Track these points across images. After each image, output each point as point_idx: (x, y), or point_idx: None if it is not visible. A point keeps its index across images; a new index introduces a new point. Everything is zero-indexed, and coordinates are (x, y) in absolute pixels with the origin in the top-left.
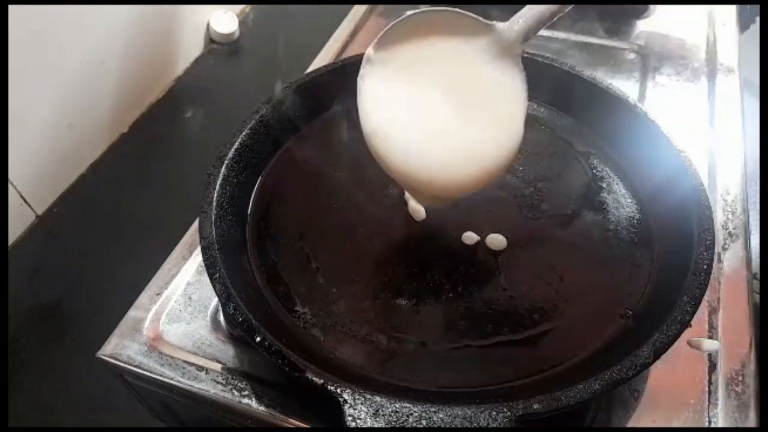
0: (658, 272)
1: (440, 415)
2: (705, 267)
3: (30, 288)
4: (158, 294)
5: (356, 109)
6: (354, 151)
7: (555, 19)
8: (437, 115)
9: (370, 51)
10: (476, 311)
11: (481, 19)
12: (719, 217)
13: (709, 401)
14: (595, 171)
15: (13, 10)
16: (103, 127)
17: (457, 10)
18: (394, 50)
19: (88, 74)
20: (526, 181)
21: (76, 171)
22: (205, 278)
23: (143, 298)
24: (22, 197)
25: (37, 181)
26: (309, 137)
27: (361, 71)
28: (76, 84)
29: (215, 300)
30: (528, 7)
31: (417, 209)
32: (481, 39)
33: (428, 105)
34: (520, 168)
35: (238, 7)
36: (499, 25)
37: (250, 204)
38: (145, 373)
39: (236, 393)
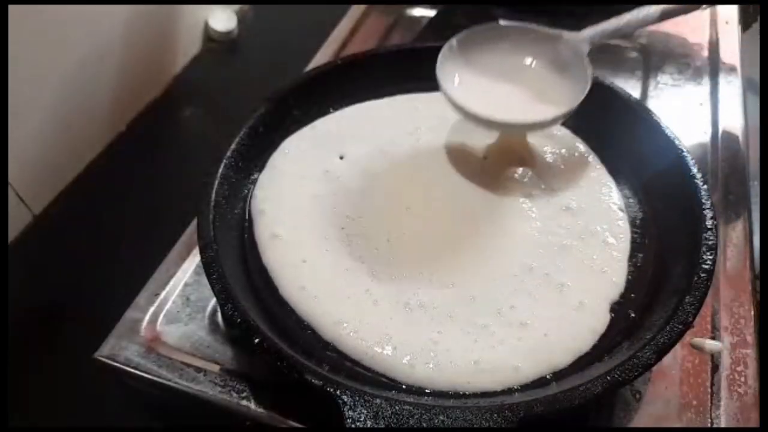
0: (660, 273)
1: (441, 418)
2: (708, 268)
3: (26, 289)
4: (156, 295)
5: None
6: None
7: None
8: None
9: (453, 41)
10: None
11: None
12: (722, 218)
13: (711, 402)
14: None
15: (11, 9)
16: (101, 126)
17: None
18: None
19: (86, 73)
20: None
21: (73, 170)
22: (203, 279)
23: (141, 298)
24: (19, 197)
25: (34, 180)
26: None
27: (441, 56)
28: (74, 83)
29: (213, 301)
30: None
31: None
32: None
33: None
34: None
35: (237, 5)
36: (567, 34)
37: (248, 204)
38: (142, 374)
39: (235, 394)
